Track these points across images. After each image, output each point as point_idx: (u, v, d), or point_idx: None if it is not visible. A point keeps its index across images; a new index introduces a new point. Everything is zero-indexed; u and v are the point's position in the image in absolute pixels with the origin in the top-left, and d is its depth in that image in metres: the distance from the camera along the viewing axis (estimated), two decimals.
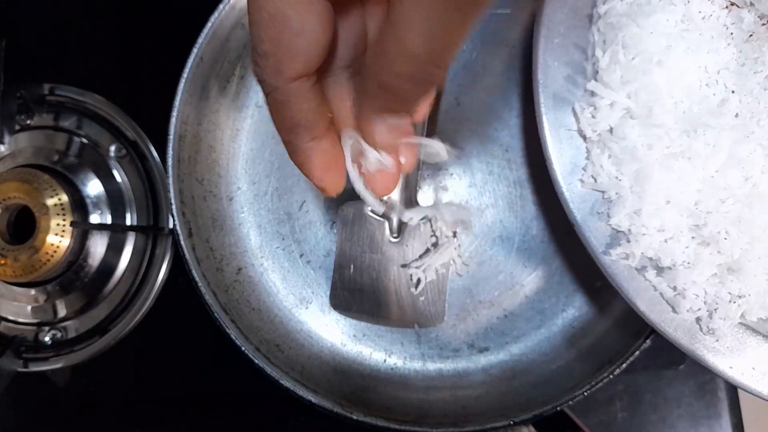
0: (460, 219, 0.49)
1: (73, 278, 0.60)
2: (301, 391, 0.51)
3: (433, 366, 0.58)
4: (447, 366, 0.58)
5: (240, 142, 0.60)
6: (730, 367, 0.43)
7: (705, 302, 0.42)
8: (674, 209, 0.41)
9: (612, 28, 0.42)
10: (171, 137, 0.52)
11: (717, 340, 0.42)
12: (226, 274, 0.57)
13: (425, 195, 0.58)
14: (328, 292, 0.58)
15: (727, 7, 0.44)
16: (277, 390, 0.51)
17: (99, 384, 0.62)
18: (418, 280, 0.55)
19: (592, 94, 0.42)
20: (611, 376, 0.50)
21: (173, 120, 0.52)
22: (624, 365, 0.50)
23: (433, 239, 0.56)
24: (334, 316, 0.59)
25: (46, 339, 0.61)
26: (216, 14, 0.53)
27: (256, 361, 0.51)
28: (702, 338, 0.42)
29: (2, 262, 0.56)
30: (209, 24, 0.53)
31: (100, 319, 0.61)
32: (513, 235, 0.58)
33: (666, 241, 0.42)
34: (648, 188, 0.41)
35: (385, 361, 0.59)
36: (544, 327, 0.59)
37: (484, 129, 0.58)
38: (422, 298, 0.56)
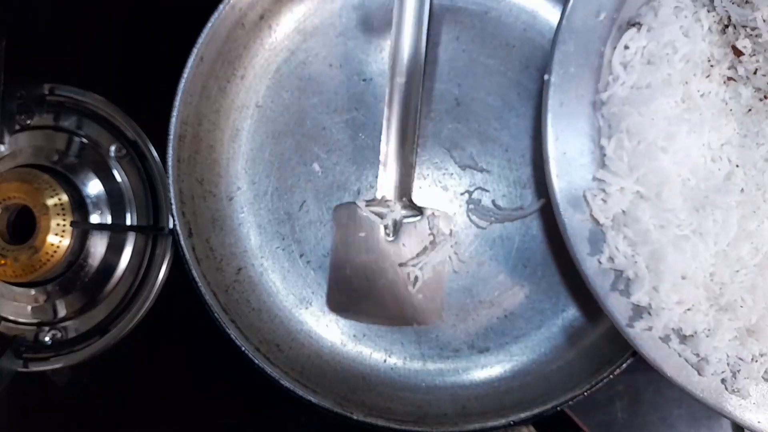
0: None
1: (73, 278, 0.60)
2: (301, 391, 0.51)
3: (433, 366, 0.58)
4: (447, 366, 0.58)
5: (240, 142, 0.60)
6: (759, 422, 0.44)
7: (728, 364, 0.44)
8: (691, 283, 0.43)
9: (615, 116, 0.43)
10: (171, 137, 0.52)
11: (743, 399, 0.44)
12: (225, 274, 0.57)
13: (422, 193, 0.58)
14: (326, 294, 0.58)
15: (725, 82, 0.45)
16: (277, 390, 0.51)
17: (99, 384, 0.62)
18: (416, 278, 0.55)
19: (602, 181, 0.43)
20: (611, 376, 0.50)
21: (173, 120, 0.53)
22: (624, 365, 0.50)
23: (431, 237, 0.56)
24: (334, 316, 0.59)
25: (46, 339, 0.61)
26: (216, 14, 0.53)
27: (256, 361, 0.51)
28: (728, 397, 0.44)
29: (2, 262, 0.56)
30: (209, 24, 0.53)
31: (100, 319, 0.61)
32: (513, 236, 0.58)
33: (686, 312, 0.43)
34: (664, 267, 0.42)
35: (385, 361, 0.59)
36: (544, 327, 0.59)
37: (485, 129, 0.58)
38: (420, 296, 0.56)
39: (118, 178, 0.62)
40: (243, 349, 0.51)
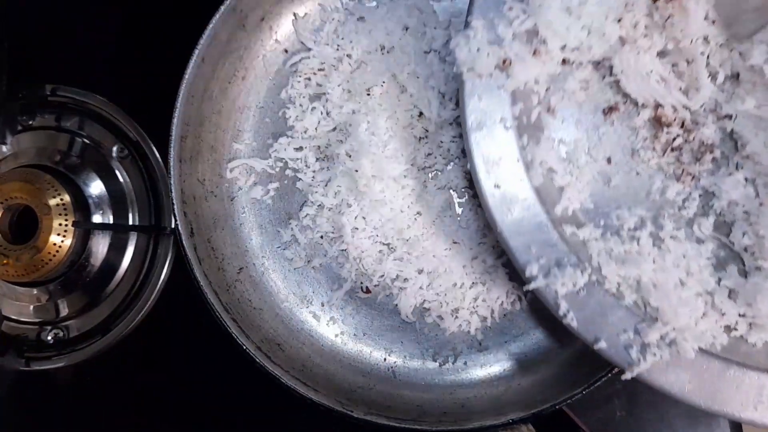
0: None
1: (75, 278, 0.60)
2: (302, 390, 0.51)
3: (432, 365, 0.59)
4: (447, 365, 0.59)
5: (241, 143, 0.60)
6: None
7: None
8: None
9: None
10: (172, 138, 0.53)
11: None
12: (227, 273, 0.57)
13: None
14: (329, 291, 0.59)
15: None
16: (277, 388, 0.51)
17: (101, 382, 0.62)
18: None
19: None
20: (610, 375, 0.50)
21: (175, 120, 0.53)
22: None
23: None
24: (335, 315, 0.59)
25: (48, 338, 0.61)
26: (217, 16, 0.53)
27: (257, 360, 0.52)
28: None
29: (4, 261, 0.56)
30: (210, 25, 0.53)
31: (102, 318, 0.61)
32: None
33: None
34: None
35: (384, 359, 0.59)
36: (542, 326, 0.59)
37: None
38: None
39: (120, 179, 0.62)
40: (244, 347, 0.52)
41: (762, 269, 0.45)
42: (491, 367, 0.59)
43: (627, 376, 0.43)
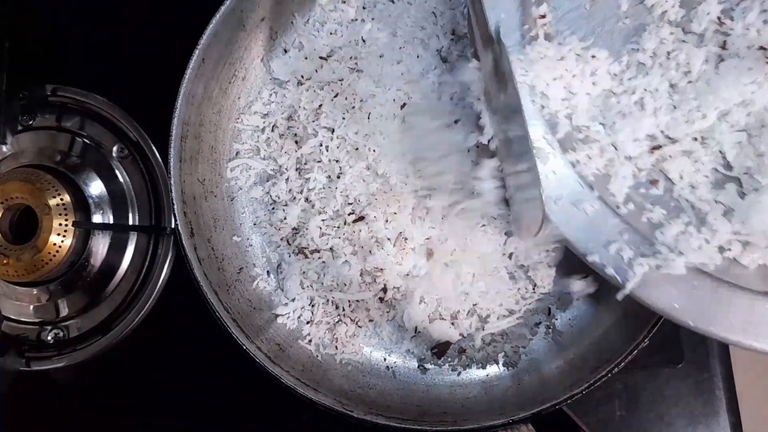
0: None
1: (75, 278, 0.60)
2: (302, 390, 0.51)
3: (432, 365, 0.59)
4: (446, 365, 0.59)
5: (241, 143, 0.60)
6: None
7: None
8: None
9: None
10: (173, 138, 0.53)
11: None
12: (227, 273, 0.57)
13: None
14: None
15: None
16: (278, 388, 0.51)
17: (101, 383, 0.62)
18: None
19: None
20: (610, 375, 0.50)
21: (175, 121, 0.53)
22: (622, 364, 0.51)
23: None
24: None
25: (49, 338, 0.61)
26: (218, 16, 0.53)
27: (258, 360, 0.52)
28: None
29: (5, 261, 0.57)
30: (211, 26, 0.53)
31: (102, 318, 0.61)
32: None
33: None
34: None
35: (384, 359, 0.59)
36: (542, 326, 0.59)
37: None
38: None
39: (120, 179, 0.62)
40: (244, 348, 0.52)
41: (759, 189, 0.44)
42: (491, 367, 0.59)
43: (620, 295, 0.43)
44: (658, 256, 0.43)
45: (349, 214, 0.56)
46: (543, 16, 0.45)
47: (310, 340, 0.58)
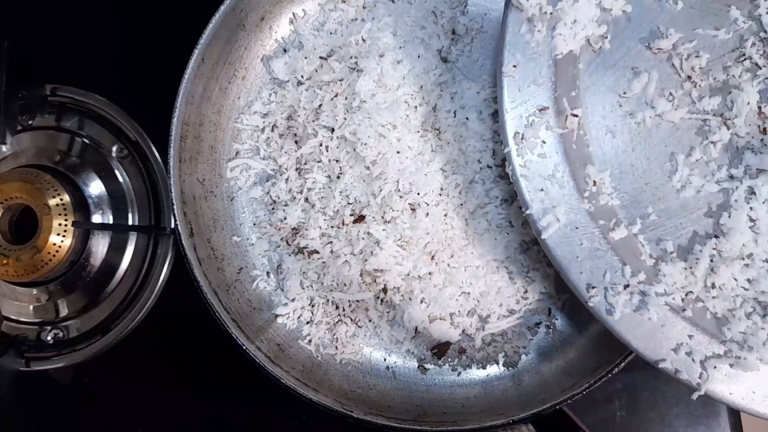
0: None
1: (75, 278, 0.60)
2: (302, 390, 0.51)
3: (432, 365, 0.59)
4: (446, 365, 0.59)
5: (241, 143, 0.60)
6: (730, 393, 0.44)
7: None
8: None
9: None
10: (172, 138, 0.53)
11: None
12: (227, 273, 0.57)
13: None
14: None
15: None
16: (277, 388, 0.51)
17: (100, 383, 0.62)
18: None
19: None
20: (610, 375, 0.50)
21: (174, 120, 0.53)
22: (622, 364, 0.51)
23: None
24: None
25: (48, 338, 0.61)
26: (217, 16, 0.53)
27: (257, 360, 0.52)
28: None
29: (4, 261, 0.57)
30: (210, 25, 0.53)
31: (101, 318, 0.62)
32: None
33: None
34: None
35: (384, 359, 0.59)
36: (543, 326, 0.59)
37: None
38: None
39: (120, 179, 0.62)
40: (244, 348, 0.52)
41: None
42: (491, 367, 0.59)
43: (694, 396, 0.43)
44: (729, 355, 0.43)
45: (349, 215, 0.56)
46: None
47: (310, 340, 0.58)
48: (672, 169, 0.45)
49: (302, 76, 0.59)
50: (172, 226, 0.54)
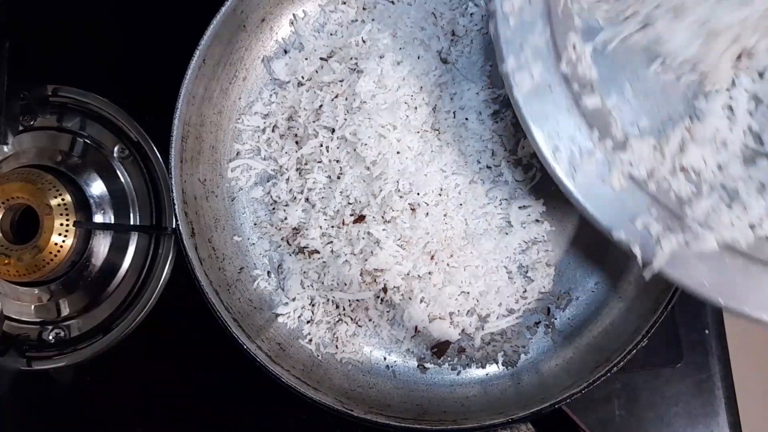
0: None
1: (77, 277, 0.60)
2: (302, 389, 0.51)
3: (432, 364, 0.59)
4: (446, 364, 0.59)
5: (242, 143, 0.60)
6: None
7: None
8: None
9: None
10: (173, 138, 0.53)
11: None
12: (228, 273, 0.57)
13: None
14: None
15: None
16: (278, 388, 0.52)
17: (102, 382, 0.62)
18: None
19: None
20: (609, 375, 0.51)
21: (176, 121, 0.53)
22: (621, 364, 0.51)
23: None
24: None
25: (50, 338, 0.61)
26: (218, 17, 0.53)
27: (258, 360, 0.52)
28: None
29: (6, 261, 0.57)
30: (211, 26, 0.53)
31: (103, 318, 0.62)
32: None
33: None
34: None
35: (384, 359, 0.59)
36: (542, 325, 0.59)
37: None
38: None
39: (121, 179, 0.63)
40: (245, 347, 0.52)
41: None
42: (491, 366, 0.59)
43: (647, 273, 0.41)
44: (688, 232, 0.41)
45: (350, 215, 0.57)
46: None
47: (311, 340, 0.59)
48: (653, 56, 0.43)
49: (303, 77, 0.59)
50: (174, 226, 0.55)
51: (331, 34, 0.60)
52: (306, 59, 0.59)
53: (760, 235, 0.42)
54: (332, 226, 0.58)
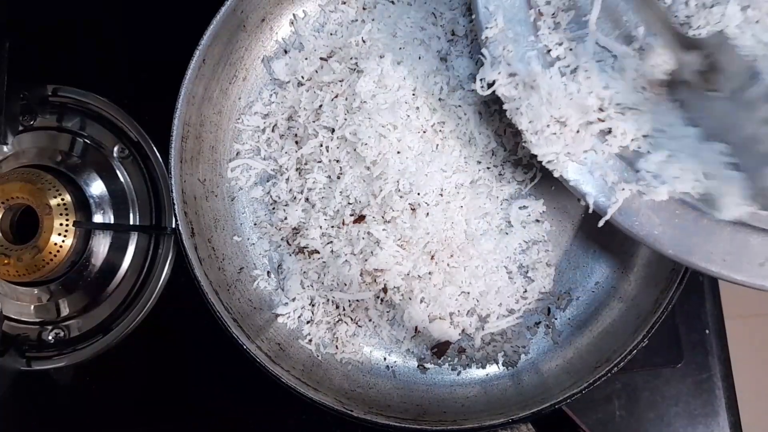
0: None
1: (76, 278, 0.60)
2: (302, 389, 0.51)
3: (432, 364, 0.59)
4: (446, 364, 0.59)
5: (242, 143, 0.60)
6: None
7: None
8: None
9: None
10: (173, 138, 0.53)
11: None
12: (227, 273, 0.57)
13: None
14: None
15: None
16: (278, 388, 0.52)
17: (102, 382, 0.62)
18: None
19: None
20: (609, 375, 0.51)
21: (176, 121, 0.53)
22: (622, 364, 0.51)
23: None
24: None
25: (49, 338, 0.61)
26: (218, 17, 0.53)
27: (258, 360, 0.52)
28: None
29: (6, 261, 0.57)
30: (211, 26, 0.53)
31: (102, 318, 0.62)
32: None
33: None
34: None
35: (384, 359, 0.59)
36: (542, 326, 0.59)
37: None
38: None
39: (121, 179, 0.63)
40: (245, 347, 0.52)
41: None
42: (491, 366, 0.59)
43: (600, 222, 0.42)
44: (642, 182, 0.42)
45: (350, 215, 0.56)
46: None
47: (311, 340, 0.59)
48: None
49: (303, 77, 0.59)
50: (173, 226, 0.55)
51: (331, 34, 0.60)
52: (306, 59, 0.59)
53: (707, 187, 0.42)
54: (332, 226, 0.58)
